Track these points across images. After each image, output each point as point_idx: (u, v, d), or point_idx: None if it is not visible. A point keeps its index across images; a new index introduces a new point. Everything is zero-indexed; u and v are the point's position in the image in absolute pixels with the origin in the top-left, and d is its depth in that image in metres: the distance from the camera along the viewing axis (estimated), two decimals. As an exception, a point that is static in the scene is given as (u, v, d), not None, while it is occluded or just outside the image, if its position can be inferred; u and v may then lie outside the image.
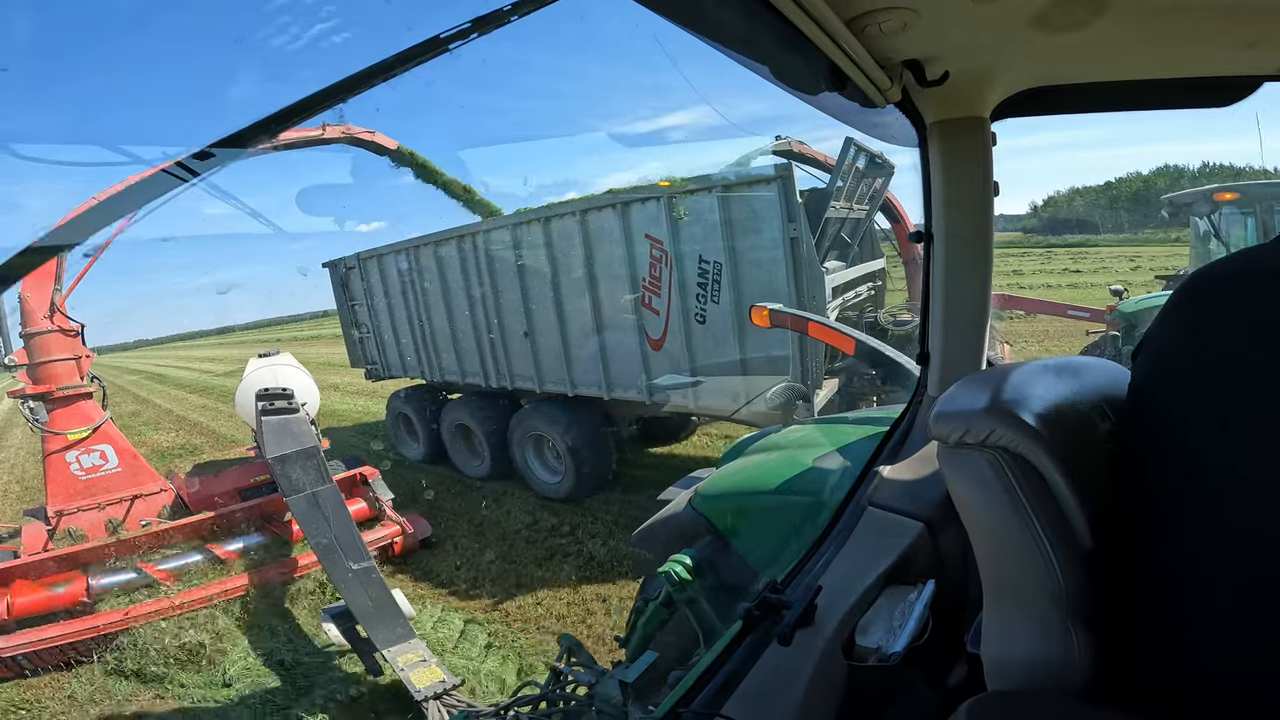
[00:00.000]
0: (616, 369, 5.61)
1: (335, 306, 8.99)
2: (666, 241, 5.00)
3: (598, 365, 5.69)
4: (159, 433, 12.45)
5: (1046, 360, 1.03)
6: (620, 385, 5.65)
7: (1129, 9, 1.02)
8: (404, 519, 5.54)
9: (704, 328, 5.02)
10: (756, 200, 4.62)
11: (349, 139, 7.18)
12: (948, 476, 0.94)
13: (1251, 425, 0.69)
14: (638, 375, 5.47)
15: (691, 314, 5.04)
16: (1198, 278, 0.80)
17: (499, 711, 2.34)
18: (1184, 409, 0.76)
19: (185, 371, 25.74)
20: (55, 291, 5.35)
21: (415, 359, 7.73)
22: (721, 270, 4.80)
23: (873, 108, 1.23)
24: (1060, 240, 26.00)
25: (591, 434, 6.01)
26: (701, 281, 4.92)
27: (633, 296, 5.28)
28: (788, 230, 4.53)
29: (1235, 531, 0.71)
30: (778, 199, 4.50)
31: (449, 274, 6.72)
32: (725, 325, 4.92)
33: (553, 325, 5.87)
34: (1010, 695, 0.89)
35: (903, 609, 1.19)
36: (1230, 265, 0.78)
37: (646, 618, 2.15)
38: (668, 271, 5.05)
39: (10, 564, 4.54)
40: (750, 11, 0.83)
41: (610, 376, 5.67)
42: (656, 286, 5.16)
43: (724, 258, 4.78)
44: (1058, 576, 0.83)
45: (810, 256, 4.60)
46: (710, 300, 4.92)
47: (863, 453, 1.76)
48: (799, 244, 4.54)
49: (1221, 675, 0.72)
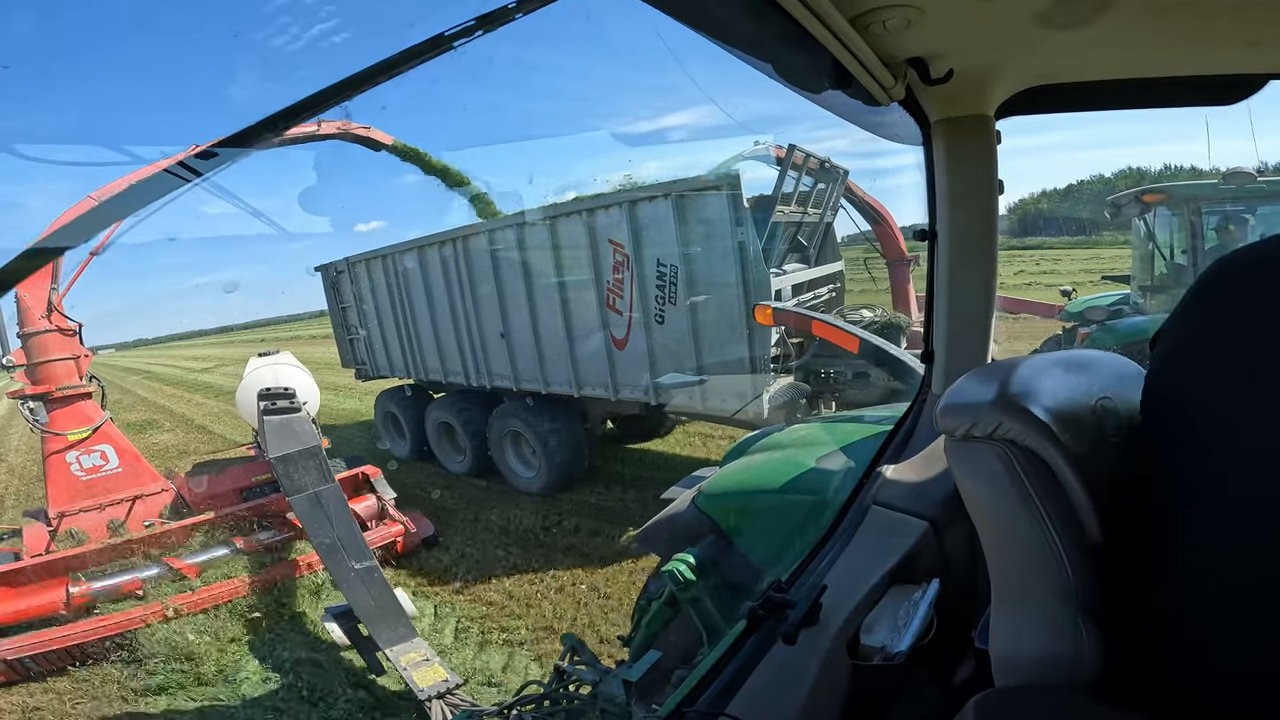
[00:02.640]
0: (585, 367, 5.89)
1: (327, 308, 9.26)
2: (628, 246, 5.25)
3: (568, 364, 5.96)
4: (131, 413, 14.64)
5: (1054, 354, 1.03)
6: (589, 383, 5.93)
7: (1133, 7, 1.02)
8: (406, 518, 5.55)
9: (662, 327, 5.27)
10: (706, 207, 4.85)
11: (345, 135, 7.20)
12: (955, 470, 0.93)
13: (1261, 421, 0.68)
14: (604, 373, 5.75)
15: (651, 315, 5.29)
16: (1213, 270, 0.78)
17: (502, 711, 2.34)
18: (1195, 402, 0.76)
19: (168, 369, 28.77)
20: (52, 291, 5.35)
21: (402, 359, 7.99)
22: (677, 273, 5.05)
23: (876, 106, 1.23)
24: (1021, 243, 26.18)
25: (564, 430, 6.28)
26: (660, 284, 5.17)
27: (598, 298, 5.55)
28: (735, 234, 4.76)
29: (1238, 531, 0.71)
30: (726, 205, 4.73)
31: (432, 277, 7.00)
32: (682, 325, 5.15)
33: (526, 326, 6.15)
34: (1018, 691, 0.88)
35: (908, 608, 1.19)
36: (1244, 256, 0.77)
37: (650, 617, 2.15)
38: (629, 275, 5.31)
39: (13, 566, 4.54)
40: (754, 9, 0.83)
41: (579, 375, 5.94)
42: (620, 289, 5.43)
43: (679, 261, 5.02)
44: (1067, 571, 0.82)
45: (757, 259, 4.83)
46: (668, 302, 5.17)
47: (866, 451, 1.75)
48: (746, 248, 4.77)
49: (1223, 676, 0.71)
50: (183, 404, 16.63)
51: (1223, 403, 0.72)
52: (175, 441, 11.62)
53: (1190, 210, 5.63)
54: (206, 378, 21.99)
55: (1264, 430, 0.68)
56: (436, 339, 7.26)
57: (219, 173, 0.71)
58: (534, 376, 6.27)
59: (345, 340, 8.96)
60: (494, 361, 6.65)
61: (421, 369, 7.70)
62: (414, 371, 7.87)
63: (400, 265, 7.39)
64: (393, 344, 8.02)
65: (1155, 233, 5.93)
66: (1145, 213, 5.95)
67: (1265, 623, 0.68)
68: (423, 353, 7.57)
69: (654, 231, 5.10)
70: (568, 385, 6.04)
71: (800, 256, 6.80)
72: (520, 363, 6.37)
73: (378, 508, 5.67)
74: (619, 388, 5.70)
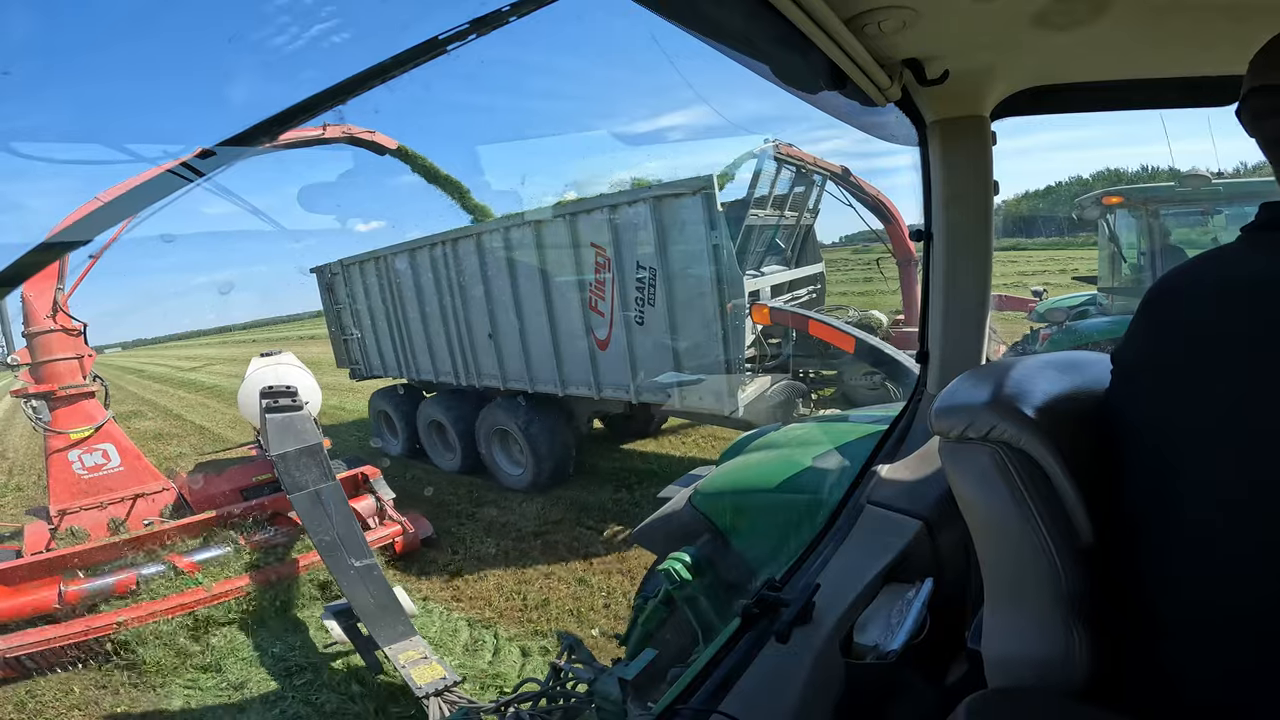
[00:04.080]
0: (569, 367, 5.99)
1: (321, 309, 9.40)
2: (609, 249, 5.33)
3: (553, 363, 6.05)
4: (119, 406, 15.91)
5: (1049, 355, 1.03)
6: (573, 382, 6.03)
7: (1129, 7, 1.02)
8: (405, 518, 5.55)
9: (642, 329, 5.36)
10: (682, 210, 4.92)
11: (349, 139, 7.22)
12: (949, 471, 0.94)
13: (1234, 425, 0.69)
14: (588, 373, 5.85)
15: (631, 316, 5.38)
16: (1156, 289, 0.81)
17: (499, 708, 2.35)
18: (1163, 415, 0.77)
19: (158, 367, 30.61)
20: (58, 290, 5.36)
21: (394, 359, 8.09)
22: (656, 275, 5.13)
23: (873, 106, 1.23)
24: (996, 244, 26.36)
25: (551, 429, 6.38)
26: (639, 286, 5.25)
27: (581, 300, 5.65)
28: (710, 238, 4.83)
29: (1201, 540, 0.72)
30: (700, 209, 4.80)
31: (422, 279, 7.09)
32: (660, 326, 5.23)
33: (513, 326, 6.24)
34: (1010, 692, 0.89)
35: (901, 607, 1.20)
36: (1182, 276, 0.80)
37: (646, 615, 2.16)
38: (610, 277, 5.40)
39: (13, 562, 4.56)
40: (750, 11, 0.83)
41: (564, 374, 6.04)
42: (601, 291, 5.52)
43: (657, 264, 5.10)
44: (1059, 573, 0.83)
45: (730, 262, 4.91)
46: (647, 304, 5.25)
47: (862, 451, 1.76)
48: (720, 250, 4.85)
49: (1213, 677, 0.72)
50: (165, 398, 18.21)
51: (1191, 412, 0.73)
52: (153, 427, 13.21)
53: (1149, 212, 5.71)
54: (191, 376, 23.98)
55: (1239, 433, 0.69)
56: (427, 339, 7.36)
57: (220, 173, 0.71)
58: (521, 376, 6.38)
59: (339, 341, 9.08)
60: (482, 361, 6.76)
61: (413, 369, 7.81)
62: (406, 371, 7.98)
63: (392, 267, 7.50)
64: (385, 344, 8.13)
65: (1117, 234, 6.00)
66: (1106, 214, 6.05)
67: (1254, 625, 0.69)
68: (414, 353, 7.68)
69: (633, 235, 5.20)
70: (553, 385, 6.15)
71: (779, 259, 6.92)
72: (508, 363, 6.48)
73: (376, 508, 5.69)
74: (602, 387, 5.80)
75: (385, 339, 8.08)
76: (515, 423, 6.37)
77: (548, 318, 5.94)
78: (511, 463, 6.72)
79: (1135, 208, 5.82)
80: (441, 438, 7.53)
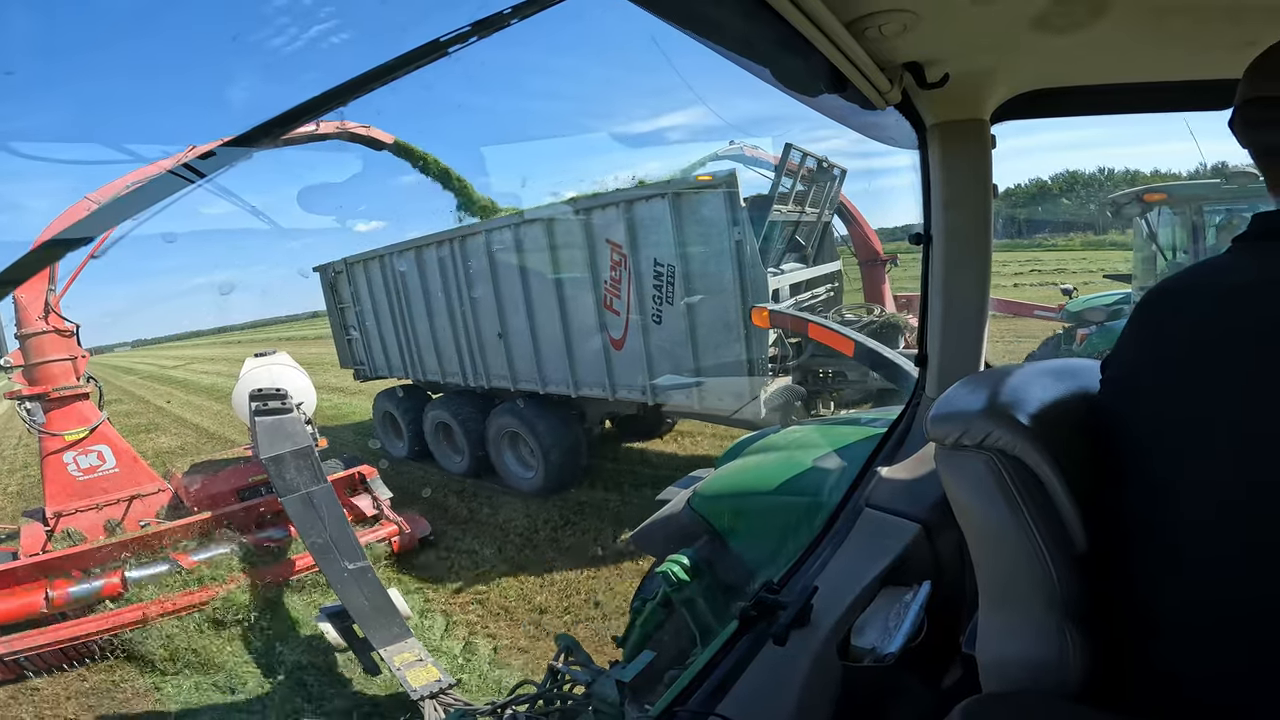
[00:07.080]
0: (583, 368, 5.86)
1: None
2: (625, 246, 5.21)
3: (565, 364, 5.94)
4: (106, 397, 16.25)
5: (1044, 362, 1.04)
6: (587, 383, 5.90)
7: (1129, 11, 1.02)
8: (401, 518, 5.54)
9: (660, 328, 5.25)
10: (704, 206, 4.82)
11: (345, 134, 7.18)
12: (945, 478, 0.94)
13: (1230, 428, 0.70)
14: (602, 373, 5.73)
15: (649, 315, 5.26)
16: (1154, 292, 0.82)
17: (496, 710, 2.35)
18: (1161, 415, 0.77)
19: (147, 366, 32.70)
20: (50, 292, 5.33)
21: (400, 359, 7.97)
22: (674, 273, 5.02)
23: (873, 110, 1.23)
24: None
25: (562, 431, 6.26)
26: (657, 284, 5.14)
27: (596, 299, 5.53)
28: (732, 234, 4.73)
29: (1198, 541, 0.73)
30: (723, 204, 4.70)
31: (429, 277, 6.98)
32: (679, 325, 5.13)
33: (524, 326, 6.12)
34: (1005, 697, 0.89)
35: (898, 610, 1.19)
36: (1181, 281, 0.81)
37: (644, 617, 2.15)
38: (626, 275, 5.28)
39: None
40: (750, 14, 0.83)
41: (577, 375, 5.91)
42: (617, 289, 5.40)
43: (676, 261, 4.99)
44: (1053, 578, 0.83)
45: (754, 259, 4.80)
46: (665, 302, 5.14)
47: (860, 454, 1.76)
48: (743, 246, 4.75)
49: (1205, 679, 0.73)
50: (146, 391, 20.25)
51: (1188, 414, 0.74)
52: (128, 409, 15.43)
53: (1192, 210, 5.63)
54: (175, 373, 25.89)
55: (1234, 435, 0.69)
56: (434, 339, 7.24)
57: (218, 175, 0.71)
58: (531, 377, 6.25)
59: (343, 340, 8.94)
60: (491, 362, 6.64)
61: (419, 369, 7.67)
62: (412, 372, 7.85)
63: (397, 266, 7.37)
64: (390, 344, 8.00)
65: (1156, 232, 5.93)
66: (1146, 212, 5.95)
67: (1246, 626, 0.69)
68: (420, 353, 7.55)
69: (651, 231, 5.07)
70: (565, 385, 6.02)
71: (798, 256, 6.76)
72: (518, 363, 6.36)
73: (373, 507, 5.66)
74: (616, 388, 5.69)
75: (391, 338, 7.94)
76: (526, 424, 6.24)
77: (560, 317, 5.80)
78: (521, 465, 6.58)
79: (1179, 205, 5.70)
80: (448, 439, 7.40)
